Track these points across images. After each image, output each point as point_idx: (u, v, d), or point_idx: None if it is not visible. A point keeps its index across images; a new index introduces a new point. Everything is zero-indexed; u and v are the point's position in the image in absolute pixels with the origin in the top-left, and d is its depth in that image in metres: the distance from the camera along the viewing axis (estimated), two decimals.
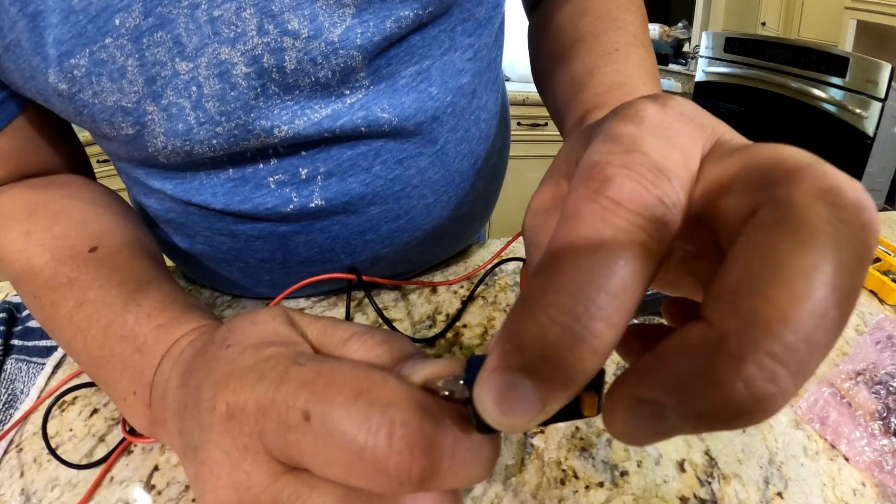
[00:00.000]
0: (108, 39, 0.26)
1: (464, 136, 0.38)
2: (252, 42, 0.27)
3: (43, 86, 0.28)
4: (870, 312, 0.48)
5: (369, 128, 0.32)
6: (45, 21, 0.25)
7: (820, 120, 1.48)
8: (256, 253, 0.38)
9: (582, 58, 0.36)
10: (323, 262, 0.39)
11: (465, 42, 0.34)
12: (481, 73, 0.38)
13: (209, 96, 0.28)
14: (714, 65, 1.86)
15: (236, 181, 0.33)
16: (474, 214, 0.45)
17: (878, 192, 1.50)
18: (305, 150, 0.32)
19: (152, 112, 0.29)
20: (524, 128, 2.20)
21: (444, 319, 0.42)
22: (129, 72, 0.27)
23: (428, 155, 0.36)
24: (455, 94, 0.35)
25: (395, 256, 0.41)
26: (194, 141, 0.30)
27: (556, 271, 0.11)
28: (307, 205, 0.34)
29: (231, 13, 0.26)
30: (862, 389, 0.36)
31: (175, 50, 0.27)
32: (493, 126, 0.43)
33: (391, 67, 0.31)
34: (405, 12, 0.29)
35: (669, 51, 2.64)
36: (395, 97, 0.32)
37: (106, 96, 0.28)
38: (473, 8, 0.34)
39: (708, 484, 0.29)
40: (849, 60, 1.39)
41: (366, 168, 0.34)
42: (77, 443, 0.32)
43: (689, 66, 2.58)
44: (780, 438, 0.33)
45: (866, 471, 0.31)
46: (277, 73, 0.28)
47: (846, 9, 1.79)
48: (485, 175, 0.43)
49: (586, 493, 0.29)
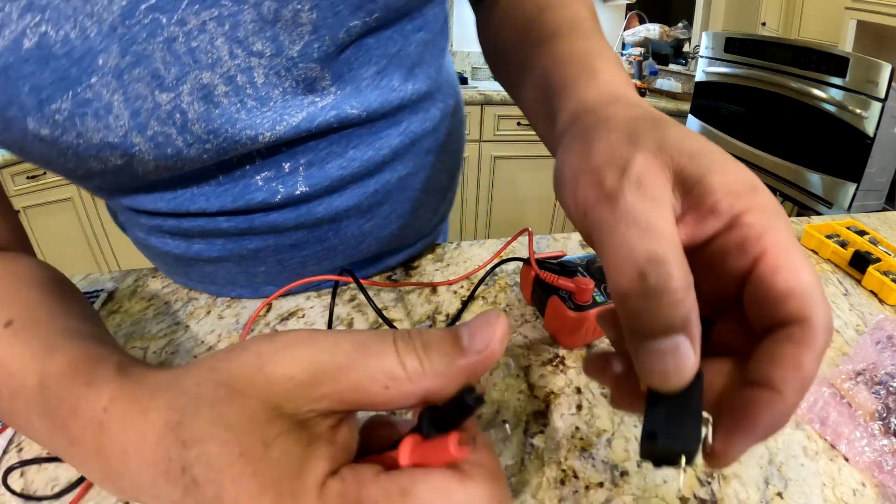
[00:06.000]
0: (94, 78, 0.26)
1: (425, 116, 0.42)
2: (227, 65, 0.29)
3: (20, 135, 0.28)
4: (870, 312, 0.48)
5: (341, 123, 0.35)
6: (16, 73, 0.25)
7: (820, 120, 1.48)
8: (249, 243, 0.40)
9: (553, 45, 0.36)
10: (313, 242, 0.41)
11: (417, 37, 0.38)
12: (435, 58, 0.42)
13: (194, 120, 0.30)
14: (714, 65, 1.86)
15: (226, 185, 0.36)
16: (442, 185, 0.50)
17: (878, 193, 1.50)
18: (286, 148, 0.35)
19: (139, 143, 0.30)
20: (522, 128, 2.20)
21: (444, 319, 0.42)
22: (116, 107, 0.28)
23: (396, 134, 0.39)
24: (414, 81, 0.39)
25: (380, 232, 0.44)
26: (185, 159, 0.32)
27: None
28: (293, 193, 0.37)
29: (206, 43, 0.28)
30: (862, 389, 0.35)
31: (154, 83, 0.28)
32: (451, 97, 0.47)
33: (353, 72, 0.34)
34: (354, 22, 0.31)
35: (669, 51, 2.64)
36: (360, 96, 0.35)
37: (91, 135, 0.28)
38: (422, 6, 0.37)
39: (708, 484, 0.29)
40: (849, 60, 1.38)
41: (340, 153, 0.37)
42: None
43: (689, 66, 2.58)
44: (780, 438, 0.33)
45: (866, 471, 0.31)
46: (251, 88, 0.30)
47: (846, 9, 1.79)
48: (447, 147, 0.47)
49: (586, 493, 0.29)
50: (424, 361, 0.17)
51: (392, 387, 0.16)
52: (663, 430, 0.16)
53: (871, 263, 0.52)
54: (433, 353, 0.17)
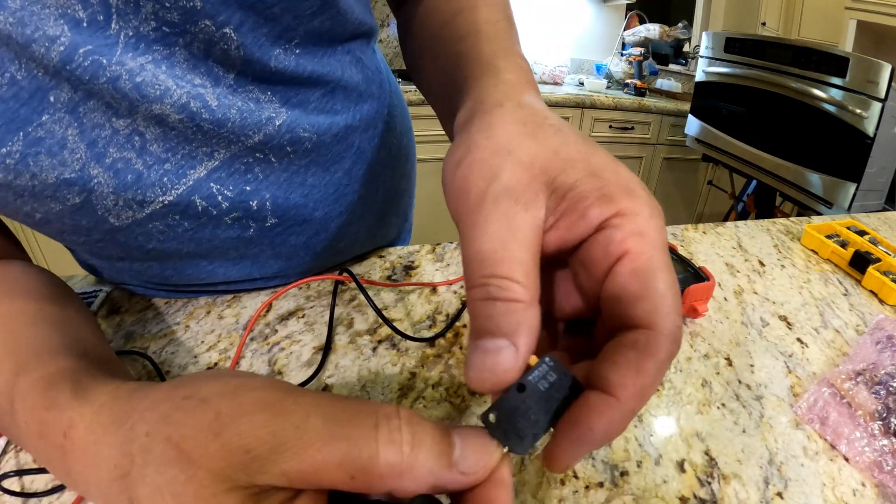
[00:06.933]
0: (45, 116, 0.26)
1: (374, 132, 0.44)
2: (175, 94, 0.29)
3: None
4: (870, 313, 0.48)
5: (294, 146, 0.36)
6: None
7: (820, 120, 1.47)
8: (227, 239, 0.39)
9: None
10: (294, 233, 0.42)
11: (354, 55, 0.40)
12: (372, 76, 0.43)
13: (152, 140, 0.30)
14: (714, 65, 1.86)
15: (193, 228, 0.35)
16: (402, 190, 0.54)
17: (878, 193, 1.50)
18: (249, 186, 0.36)
19: (98, 174, 0.29)
20: None
21: (444, 319, 0.42)
22: (70, 141, 0.28)
23: (349, 157, 0.42)
24: (357, 101, 0.41)
25: (353, 238, 0.47)
26: (146, 186, 0.31)
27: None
28: (263, 225, 0.39)
29: (150, 77, 0.28)
30: (862, 389, 0.35)
31: (109, 112, 0.28)
32: (396, 108, 0.49)
33: (300, 96, 0.35)
34: (277, 51, 0.32)
35: (669, 51, 2.64)
36: (310, 118, 0.37)
37: (46, 175, 0.28)
38: (350, 30, 0.38)
39: (708, 484, 0.29)
40: (849, 60, 1.38)
41: (301, 183, 0.39)
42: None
43: (689, 66, 2.58)
44: (780, 438, 0.33)
45: (866, 471, 0.31)
46: (206, 111, 0.31)
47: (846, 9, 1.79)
48: (398, 154, 0.50)
49: (586, 493, 0.29)
50: (406, 458, 0.15)
51: (359, 478, 0.15)
52: (498, 420, 0.17)
53: (871, 263, 0.52)
54: (419, 455, 0.16)
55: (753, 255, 0.57)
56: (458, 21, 0.35)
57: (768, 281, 0.52)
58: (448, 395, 0.35)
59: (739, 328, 0.44)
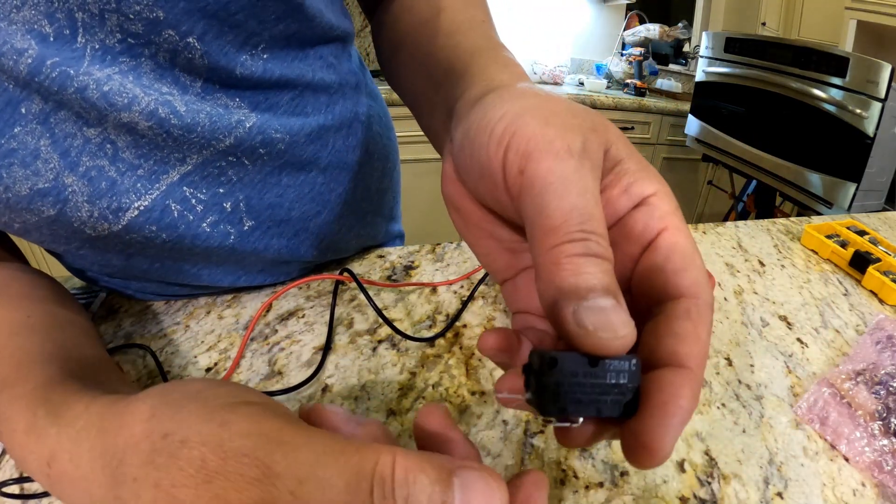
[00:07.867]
0: (17, 128, 0.26)
1: (348, 131, 0.44)
2: (143, 102, 0.29)
3: None
4: (870, 313, 0.48)
5: (266, 148, 0.36)
6: None
7: (820, 120, 1.47)
8: (209, 248, 0.39)
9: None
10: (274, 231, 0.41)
11: (326, 60, 0.39)
12: (346, 79, 0.43)
13: (124, 147, 0.30)
14: (714, 65, 1.86)
15: (172, 240, 0.35)
16: (383, 188, 0.53)
17: (878, 193, 1.50)
18: (223, 189, 0.36)
19: (72, 183, 0.29)
20: None
21: (444, 319, 0.42)
22: (44, 151, 0.28)
23: (325, 156, 0.41)
24: (328, 102, 0.40)
25: (335, 237, 0.46)
26: (120, 192, 0.31)
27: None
28: (241, 229, 0.38)
29: (118, 86, 0.28)
30: (862, 389, 0.35)
31: (80, 122, 0.28)
32: (373, 108, 0.49)
33: (269, 101, 0.35)
34: (243, 57, 0.32)
35: (669, 51, 2.64)
36: (280, 120, 0.36)
37: (20, 187, 0.28)
38: (320, 34, 0.37)
39: (708, 484, 0.29)
40: (849, 60, 1.38)
41: (275, 183, 0.39)
42: None
43: (689, 66, 2.58)
44: (780, 438, 0.33)
45: (866, 471, 0.31)
46: (175, 117, 0.31)
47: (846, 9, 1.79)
48: (376, 153, 0.50)
49: (586, 493, 0.29)
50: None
51: None
52: (542, 369, 0.16)
53: (871, 263, 0.52)
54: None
55: (753, 255, 0.57)
56: (442, 18, 0.35)
57: (768, 281, 0.52)
58: (448, 395, 0.35)
59: (739, 328, 0.44)
